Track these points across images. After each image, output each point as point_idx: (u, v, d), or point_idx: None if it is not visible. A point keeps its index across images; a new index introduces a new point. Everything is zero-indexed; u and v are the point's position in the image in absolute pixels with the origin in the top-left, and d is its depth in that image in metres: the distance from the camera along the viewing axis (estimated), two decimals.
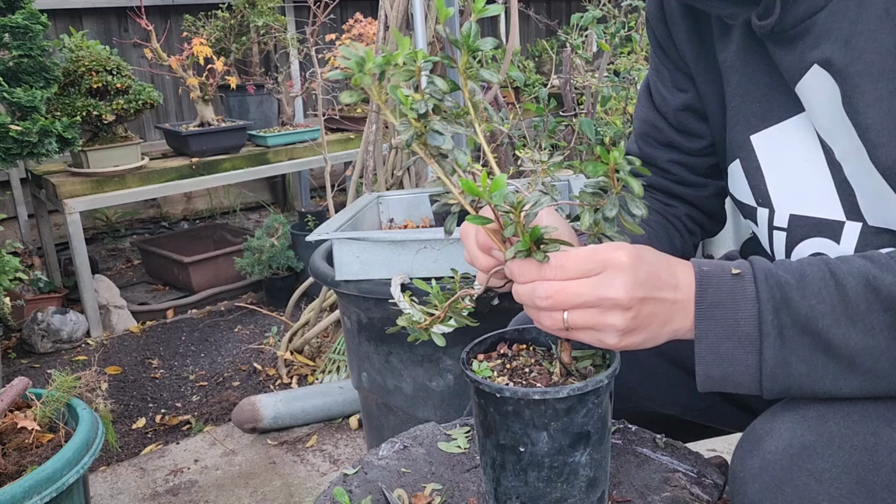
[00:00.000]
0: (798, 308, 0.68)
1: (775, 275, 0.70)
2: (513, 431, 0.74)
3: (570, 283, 0.69)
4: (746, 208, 0.94)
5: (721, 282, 0.71)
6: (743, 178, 0.92)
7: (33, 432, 1.42)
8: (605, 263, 0.69)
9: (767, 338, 0.68)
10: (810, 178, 0.84)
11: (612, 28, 2.91)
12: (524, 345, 0.86)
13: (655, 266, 0.71)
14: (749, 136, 0.89)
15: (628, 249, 0.70)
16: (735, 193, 0.96)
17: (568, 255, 0.70)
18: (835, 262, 0.70)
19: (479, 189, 0.66)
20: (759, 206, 0.91)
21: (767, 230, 0.91)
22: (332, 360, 2.62)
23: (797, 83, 0.81)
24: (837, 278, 0.69)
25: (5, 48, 2.61)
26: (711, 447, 2.04)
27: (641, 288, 0.69)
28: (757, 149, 0.89)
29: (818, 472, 0.66)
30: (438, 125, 0.69)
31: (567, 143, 2.98)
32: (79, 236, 3.03)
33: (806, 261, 0.72)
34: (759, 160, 0.89)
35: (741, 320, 0.69)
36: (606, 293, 0.68)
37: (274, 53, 3.96)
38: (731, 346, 0.70)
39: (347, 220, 1.74)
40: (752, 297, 0.69)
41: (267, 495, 2.01)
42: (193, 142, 3.37)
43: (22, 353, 2.99)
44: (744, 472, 0.71)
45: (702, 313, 0.70)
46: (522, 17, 4.87)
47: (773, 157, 0.88)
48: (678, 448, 1.00)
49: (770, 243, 0.92)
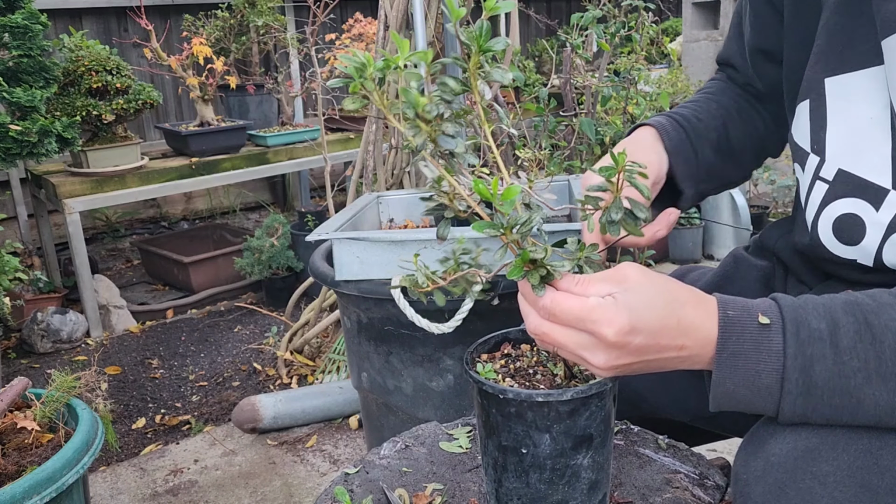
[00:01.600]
0: (829, 366, 0.65)
1: (807, 325, 0.66)
2: (515, 433, 0.74)
3: (556, 329, 0.69)
4: (800, 152, 0.91)
5: (745, 330, 0.67)
6: (807, 119, 0.89)
7: (33, 432, 1.41)
8: (593, 332, 0.67)
9: (789, 395, 0.66)
10: (870, 138, 0.82)
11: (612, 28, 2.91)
12: (528, 345, 0.86)
13: (656, 332, 0.67)
14: (825, 77, 0.86)
15: (623, 319, 0.66)
16: (795, 135, 0.93)
17: (560, 302, 0.68)
18: (871, 308, 0.66)
19: (490, 193, 0.65)
20: (812, 153, 0.89)
21: (811, 179, 0.88)
22: (332, 360, 2.62)
23: (887, 37, 0.77)
24: (874, 332, 0.65)
25: (5, 48, 2.61)
26: (712, 447, 2.04)
27: (627, 358, 0.68)
28: (828, 93, 0.86)
29: (822, 476, 0.66)
30: (451, 128, 0.68)
31: (567, 143, 2.98)
32: (78, 236, 3.03)
33: (840, 305, 0.67)
34: (827, 105, 0.86)
35: (762, 372, 0.66)
36: (587, 357, 0.68)
37: (274, 53, 3.96)
38: (749, 394, 0.68)
39: (347, 220, 1.74)
40: (779, 351, 0.66)
41: (267, 495, 2.01)
42: (193, 142, 3.37)
43: (22, 353, 2.99)
44: (747, 474, 0.70)
45: (722, 361, 0.67)
46: (522, 16, 4.87)
47: (841, 106, 0.85)
48: (680, 449, 1.00)
49: (808, 193, 0.89)
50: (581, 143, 2.95)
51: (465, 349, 0.85)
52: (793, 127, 0.94)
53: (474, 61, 0.68)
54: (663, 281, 0.70)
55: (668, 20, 5.42)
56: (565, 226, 1.57)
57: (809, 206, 0.89)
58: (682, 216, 3.59)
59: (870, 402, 0.65)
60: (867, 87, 0.83)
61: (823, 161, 0.87)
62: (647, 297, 0.67)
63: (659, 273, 0.72)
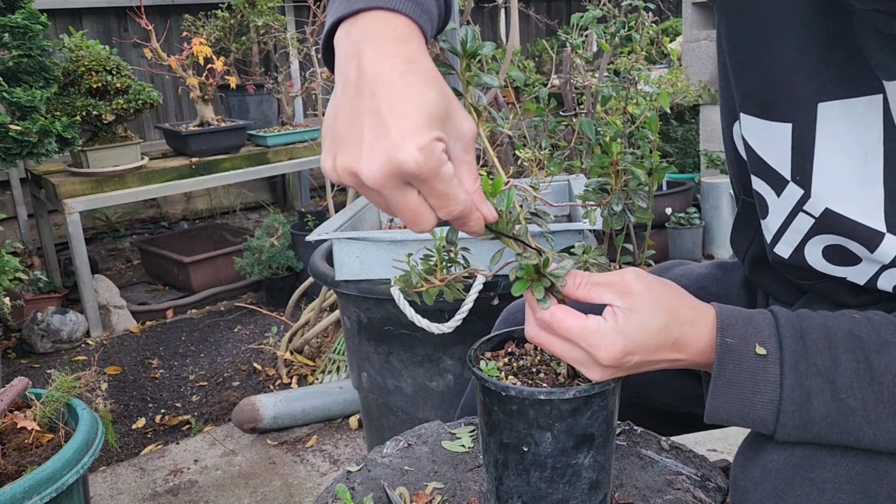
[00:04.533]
0: (827, 403, 0.64)
1: (805, 359, 0.65)
2: (517, 431, 0.74)
3: (555, 340, 0.70)
4: (772, 174, 0.79)
5: (742, 359, 0.67)
6: (787, 144, 0.77)
7: (33, 432, 1.41)
8: (588, 352, 0.68)
9: (784, 427, 0.66)
10: (862, 176, 0.73)
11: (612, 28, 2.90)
12: (532, 344, 0.86)
13: (651, 351, 0.68)
14: (818, 102, 0.73)
15: (618, 345, 0.67)
16: (760, 152, 0.80)
17: (560, 319, 0.69)
18: (873, 346, 0.65)
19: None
20: (794, 183, 0.77)
21: (793, 208, 0.79)
22: (332, 360, 2.61)
23: (887, 81, 0.70)
24: (874, 372, 0.64)
25: (5, 48, 2.61)
26: (712, 448, 2.04)
27: (623, 372, 0.70)
28: (820, 119, 0.73)
29: (820, 482, 0.65)
30: None
31: (567, 143, 2.97)
32: (78, 236, 3.03)
33: (842, 341, 0.66)
34: (816, 133, 0.74)
35: (758, 403, 0.66)
36: (581, 370, 0.71)
37: (274, 53, 3.96)
38: (744, 423, 0.68)
39: (347, 220, 1.73)
40: (775, 383, 0.65)
41: (267, 495, 2.01)
42: (193, 141, 3.36)
43: (22, 353, 2.99)
44: (745, 481, 0.70)
45: (717, 390, 0.67)
46: (522, 16, 4.87)
47: (835, 135, 0.73)
48: (683, 451, 1.00)
49: (788, 219, 0.80)
50: (581, 143, 2.94)
51: (465, 349, 0.85)
52: (753, 140, 0.80)
53: (463, 66, 0.68)
54: (664, 297, 0.70)
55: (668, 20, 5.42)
56: (566, 226, 1.57)
57: (791, 231, 0.81)
58: (682, 216, 3.59)
59: (868, 441, 0.64)
60: (867, 116, 0.72)
61: (809, 196, 0.77)
62: (646, 318, 0.68)
63: (662, 282, 0.72)
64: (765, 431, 0.68)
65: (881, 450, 0.65)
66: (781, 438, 0.67)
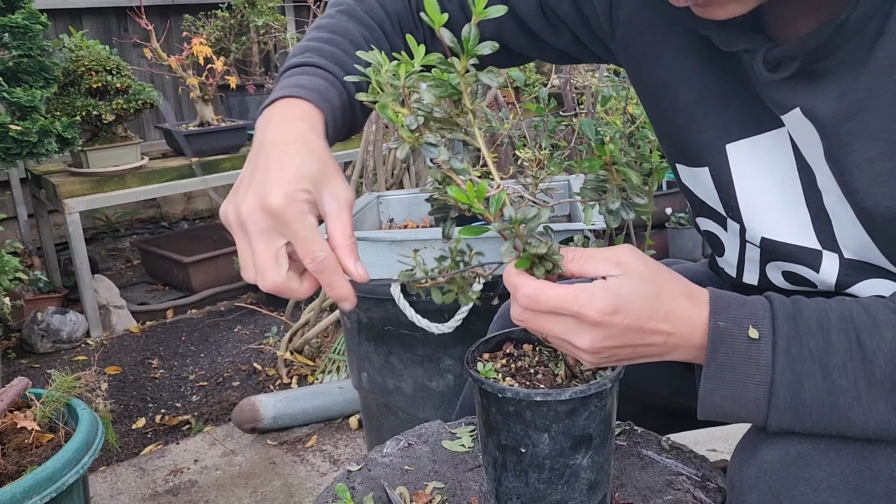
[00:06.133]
0: (818, 384, 0.65)
1: (798, 341, 0.65)
2: (514, 432, 0.74)
3: (539, 316, 0.69)
4: (712, 212, 0.87)
5: (735, 343, 0.67)
6: (712, 187, 0.85)
7: (33, 432, 1.41)
8: (577, 315, 0.66)
9: (776, 409, 0.66)
10: (785, 202, 0.79)
11: None
12: (530, 345, 0.86)
13: (641, 316, 0.67)
14: (725, 144, 0.81)
15: (608, 300, 0.66)
16: (697, 192, 0.88)
17: (542, 288, 0.67)
18: (865, 327, 0.65)
19: (466, 197, 0.65)
20: (730, 218, 0.85)
21: (740, 240, 0.86)
22: (332, 360, 2.62)
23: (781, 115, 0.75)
24: (865, 352, 0.64)
25: (5, 48, 2.61)
26: (712, 448, 2.04)
27: (612, 339, 0.67)
28: (731, 160, 0.81)
29: (815, 482, 0.65)
30: (432, 138, 0.68)
31: (567, 143, 2.97)
32: (78, 236, 3.03)
33: (835, 320, 0.66)
34: (731, 174, 0.81)
35: (750, 385, 0.66)
36: (571, 339, 0.68)
37: (274, 53, 3.96)
38: (736, 407, 0.68)
39: None
40: (767, 365, 0.66)
41: (267, 495, 2.01)
42: (193, 141, 3.36)
43: (22, 353, 2.99)
44: (741, 482, 0.70)
45: (710, 373, 0.67)
46: None
47: (748, 171, 0.80)
48: (683, 451, 1.00)
49: (741, 251, 0.86)
50: (581, 143, 2.95)
51: (465, 349, 0.85)
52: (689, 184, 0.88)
53: (463, 66, 0.67)
54: (659, 272, 0.69)
55: None
56: (566, 225, 1.57)
57: (748, 261, 0.86)
58: (682, 216, 3.59)
59: (859, 422, 0.64)
60: (773, 149, 0.78)
61: (744, 228, 0.83)
62: (638, 285, 0.67)
63: (658, 263, 0.72)
64: (757, 418, 0.68)
65: (872, 436, 0.65)
66: (774, 425, 0.67)
